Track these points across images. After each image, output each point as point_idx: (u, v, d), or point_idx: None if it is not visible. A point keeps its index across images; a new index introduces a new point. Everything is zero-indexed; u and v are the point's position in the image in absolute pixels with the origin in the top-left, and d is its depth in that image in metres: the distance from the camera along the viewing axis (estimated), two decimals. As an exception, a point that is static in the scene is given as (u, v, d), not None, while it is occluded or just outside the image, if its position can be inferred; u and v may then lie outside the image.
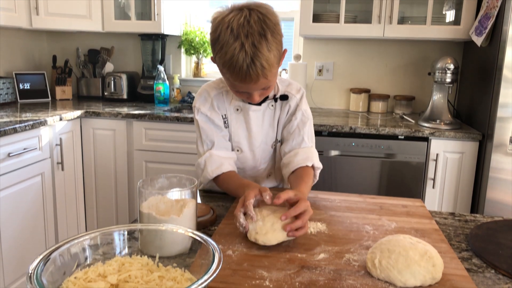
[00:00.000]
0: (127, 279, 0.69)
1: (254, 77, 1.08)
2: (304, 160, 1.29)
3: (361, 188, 2.37)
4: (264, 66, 1.07)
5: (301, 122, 1.34)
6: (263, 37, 1.06)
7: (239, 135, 1.34)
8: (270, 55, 1.07)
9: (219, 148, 1.32)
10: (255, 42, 1.05)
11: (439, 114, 2.48)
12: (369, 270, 0.86)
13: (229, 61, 1.07)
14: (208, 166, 1.29)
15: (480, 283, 0.85)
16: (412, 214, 1.18)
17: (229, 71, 1.10)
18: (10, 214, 2.09)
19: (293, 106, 1.35)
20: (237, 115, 1.33)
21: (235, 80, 1.11)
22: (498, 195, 2.19)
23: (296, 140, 1.34)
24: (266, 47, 1.06)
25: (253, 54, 1.05)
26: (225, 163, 1.29)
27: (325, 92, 3.02)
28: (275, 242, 0.96)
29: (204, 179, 1.31)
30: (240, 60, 1.05)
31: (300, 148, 1.33)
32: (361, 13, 2.70)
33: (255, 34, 1.05)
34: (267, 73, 1.09)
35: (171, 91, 3.07)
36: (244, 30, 1.05)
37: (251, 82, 1.10)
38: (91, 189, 2.71)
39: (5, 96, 2.77)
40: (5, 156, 2.04)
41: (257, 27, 1.05)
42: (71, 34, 3.24)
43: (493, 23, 2.20)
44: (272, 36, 1.07)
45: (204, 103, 1.32)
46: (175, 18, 3.00)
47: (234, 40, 1.05)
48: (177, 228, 0.80)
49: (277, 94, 1.34)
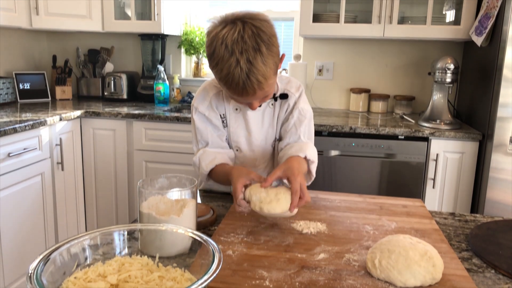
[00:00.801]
0: (127, 279, 0.69)
1: (250, 92, 1.09)
2: (296, 151, 1.25)
3: (361, 188, 2.37)
4: (260, 80, 1.07)
5: (297, 121, 1.33)
6: (257, 52, 1.05)
7: (238, 135, 1.35)
8: (266, 69, 1.07)
9: (213, 147, 1.33)
10: (250, 58, 1.04)
11: (439, 114, 2.48)
12: (369, 270, 0.87)
13: (225, 77, 1.08)
14: (202, 162, 1.29)
15: (480, 283, 0.85)
16: (412, 214, 1.18)
17: (226, 86, 1.11)
18: (10, 214, 2.09)
19: (291, 105, 1.35)
20: (236, 114, 1.33)
21: (233, 94, 1.13)
22: (498, 195, 2.19)
23: (293, 138, 1.33)
24: (261, 61, 1.05)
25: (248, 71, 1.05)
26: (218, 156, 1.29)
27: (325, 92, 3.02)
28: (280, 210, 1.00)
29: (202, 176, 1.32)
30: (236, 77, 1.06)
31: (294, 143, 1.32)
32: (361, 13, 2.70)
33: (250, 50, 1.04)
34: (264, 86, 1.09)
35: (171, 91, 3.07)
36: (239, 47, 1.04)
37: (248, 96, 1.11)
38: (91, 189, 2.71)
39: (5, 96, 2.77)
40: (5, 156, 2.04)
41: (251, 42, 1.05)
42: (71, 34, 3.24)
43: (493, 23, 2.20)
44: (268, 49, 1.06)
45: (202, 102, 1.32)
46: (175, 18, 3.00)
47: (229, 57, 1.05)
48: (177, 228, 0.80)
49: (276, 93, 1.34)
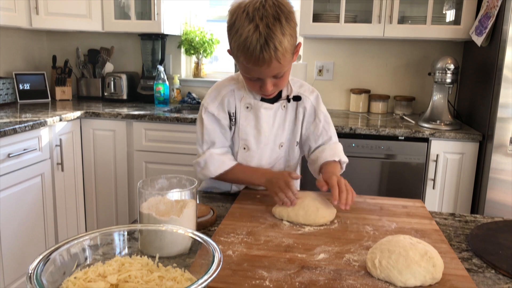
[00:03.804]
0: (127, 279, 0.69)
1: (267, 58, 1.09)
2: (331, 156, 1.34)
3: (361, 188, 2.35)
4: (278, 47, 1.09)
5: (326, 124, 1.39)
6: (277, 21, 1.09)
7: (248, 133, 1.34)
8: (284, 39, 1.10)
9: (218, 147, 1.34)
10: (269, 24, 1.08)
11: (439, 114, 2.48)
12: (369, 270, 0.86)
13: (243, 42, 1.09)
14: (210, 165, 1.31)
15: (480, 283, 0.85)
16: (412, 215, 1.18)
17: (243, 53, 1.11)
18: (10, 215, 2.09)
19: (309, 109, 1.37)
20: (247, 112, 1.32)
21: (249, 62, 1.12)
22: (498, 195, 2.19)
23: (325, 139, 1.39)
24: (280, 30, 1.09)
25: (267, 35, 1.08)
26: (225, 160, 1.32)
27: (325, 92, 3.02)
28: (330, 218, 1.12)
29: (205, 176, 1.34)
30: (254, 41, 1.08)
31: (326, 144, 1.38)
32: (361, 12, 2.70)
33: (270, 17, 1.08)
34: (280, 56, 1.10)
35: (171, 92, 3.07)
36: (259, 13, 1.08)
37: (264, 65, 1.11)
38: (91, 190, 2.70)
39: (5, 97, 2.77)
40: (5, 157, 2.04)
41: (272, 11, 1.09)
42: (71, 34, 3.24)
43: (493, 22, 2.20)
44: (286, 22, 1.10)
45: (213, 102, 1.32)
46: (175, 17, 3.00)
47: (249, 23, 1.08)
48: (177, 229, 0.80)
49: (290, 95, 1.34)
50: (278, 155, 1.41)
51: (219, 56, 3.37)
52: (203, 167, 1.32)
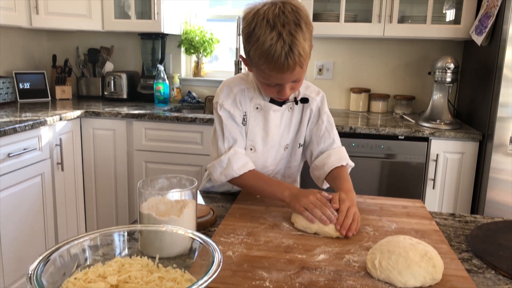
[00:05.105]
0: (127, 280, 0.69)
1: (291, 65, 1.09)
2: (338, 161, 1.32)
3: (361, 188, 2.34)
4: (301, 54, 1.09)
5: (329, 125, 1.37)
6: (298, 27, 1.08)
7: (256, 134, 1.32)
8: (305, 44, 1.10)
9: (240, 146, 1.30)
10: (292, 30, 1.07)
11: (439, 114, 2.48)
12: (369, 271, 0.86)
13: (267, 50, 1.08)
14: (233, 163, 1.25)
15: (480, 284, 0.85)
16: (412, 215, 1.18)
17: (267, 61, 1.10)
18: (10, 215, 2.09)
19: (315, 110, 1.37)
20: (256, 113, 1.30)
21: (272, 70, 1.11)
22: (498, 195, 2.19)
23: (327, 142, 1.36)
24: (302, 35, 1.09)
25: (291, 42, 1.07)
26: (248, 161, 1.28)
27: (325, 91, 2.93)
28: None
29: (226, 177, 1.26)
30: (279, 49, 1.07)
31: (331, 149, 1.36)
32: (361, 12, 2.70)
33: (291, 23, 1.08)
34: (303, 61, 1.11)
35: (171, 91, 3.07)
36: (280, 20, 1.07)
37: (287, 71, 1.11)
38: (91, 190, 2.70)
39: (5, 96, 2.77)
40: (5, 157, 2.04)
41: (292, 17, 1.08)
42: (71, 33, 3.24)
43: (493, 22, 2.19)
44: (306, 27, 1.10)
45: (227, 99, 1.29)
46: (175, 17, 3.00)
47: (271, 30, 1.07)
48: (177, 229, 0.80)
49: (297, 97, 1.34)
50: (282, 157, 1.40)
51: (219, 56, 3.37)
52: (226, 166, 1.25)
